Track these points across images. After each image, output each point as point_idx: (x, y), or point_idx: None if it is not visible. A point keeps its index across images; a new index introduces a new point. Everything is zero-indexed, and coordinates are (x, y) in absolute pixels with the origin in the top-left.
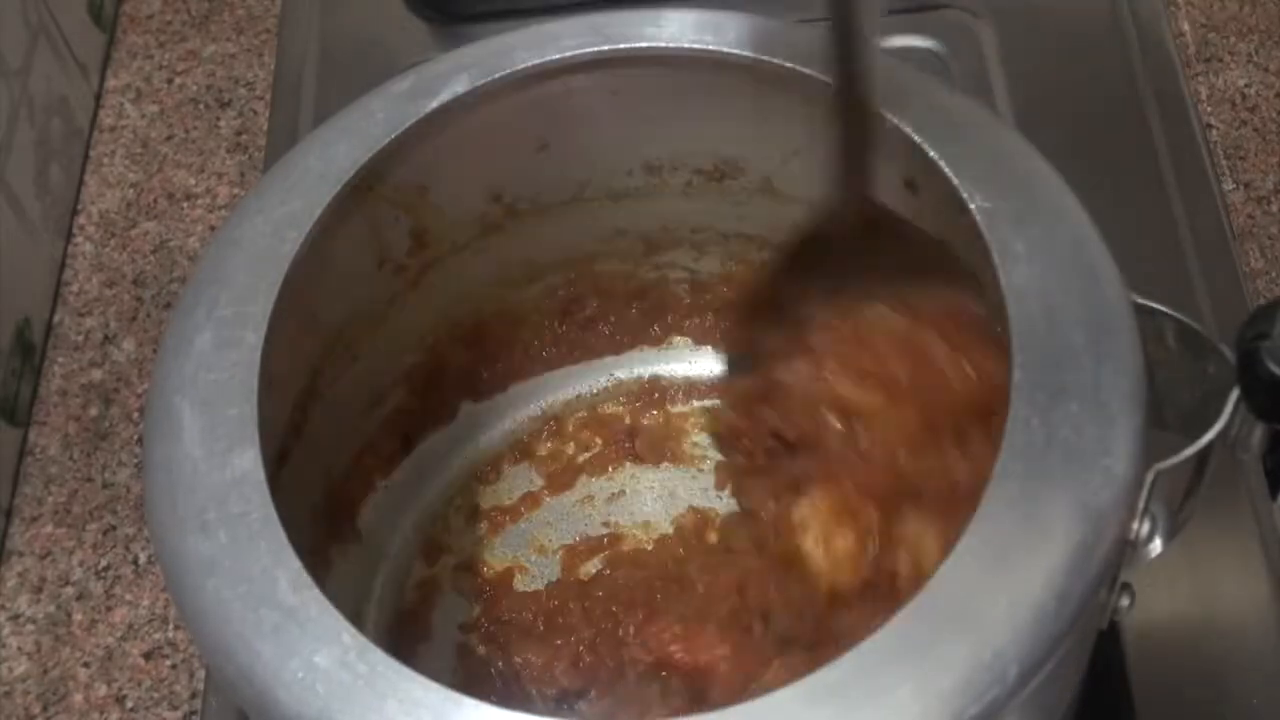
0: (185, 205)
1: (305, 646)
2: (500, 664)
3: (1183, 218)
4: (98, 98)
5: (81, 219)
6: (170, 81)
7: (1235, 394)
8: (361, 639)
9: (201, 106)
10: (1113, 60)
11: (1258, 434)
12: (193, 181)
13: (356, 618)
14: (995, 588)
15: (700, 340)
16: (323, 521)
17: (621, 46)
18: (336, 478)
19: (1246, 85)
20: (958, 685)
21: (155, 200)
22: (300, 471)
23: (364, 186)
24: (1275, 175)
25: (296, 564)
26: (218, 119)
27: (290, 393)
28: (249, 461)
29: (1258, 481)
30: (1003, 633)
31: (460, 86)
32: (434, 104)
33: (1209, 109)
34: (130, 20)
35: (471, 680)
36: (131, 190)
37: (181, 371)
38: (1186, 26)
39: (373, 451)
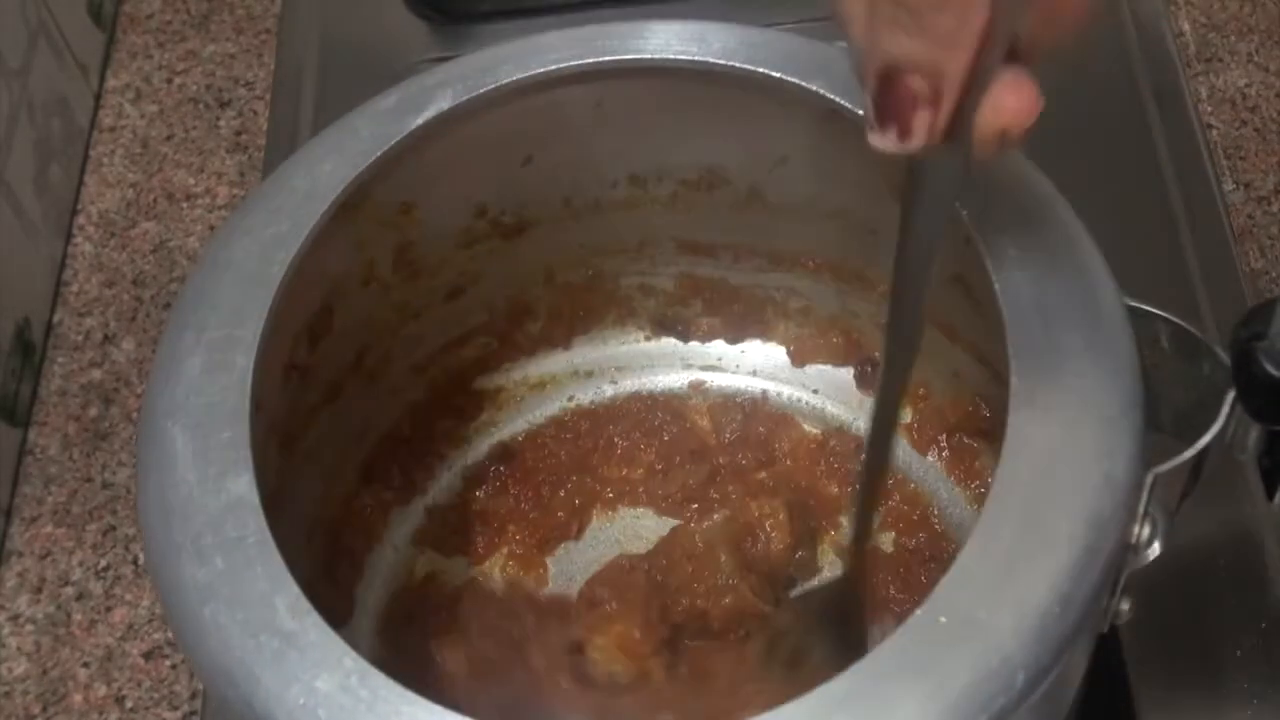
0: (185, 205)
1: (306, 671)
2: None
3: (1183, 218)
4: (98, 98)
5: (81, 219)
6: (170, 81)
7: (1231, 395)
8: (363, 663)
9: (201, 106)
10: (1113, 60)
11: (1254, 435)
12: (192, 181)
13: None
14: (1000, 595)
15: None
16: (320, 543)
17: (607, 59)
18: (332, 499)
19: (1246, 85)
20: (965, 693)
21: (155, 200)
22: (296, 494)
23: (350, 205)
24: (1275, 175)
25: (295, 589)
26: (218, 119)
27: (282, 415)
28: (243, 486)
29: (1255, 482)
30: (1009, 639)
31: (445, 102)
32: (419, 120)
33: (1209, 109)
34: (130, 20)
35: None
36: (131, 190)
37: (172, 396)
38: (1186, 26)
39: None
